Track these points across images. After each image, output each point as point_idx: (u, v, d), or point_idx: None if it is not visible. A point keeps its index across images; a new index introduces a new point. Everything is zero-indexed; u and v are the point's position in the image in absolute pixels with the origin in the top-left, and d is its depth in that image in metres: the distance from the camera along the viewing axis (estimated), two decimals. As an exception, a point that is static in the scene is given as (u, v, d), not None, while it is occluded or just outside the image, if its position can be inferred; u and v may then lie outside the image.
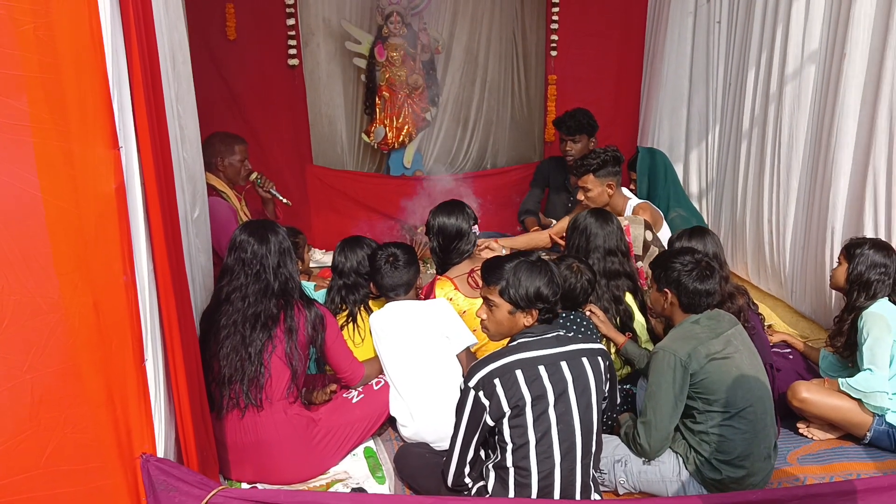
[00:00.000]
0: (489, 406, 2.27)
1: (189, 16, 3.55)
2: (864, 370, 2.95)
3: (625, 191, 3.96)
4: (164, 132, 2.23)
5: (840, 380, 3.02)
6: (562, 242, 3.94)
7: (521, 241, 4.07)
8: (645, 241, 3.49)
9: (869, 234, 3.42)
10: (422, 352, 2.98)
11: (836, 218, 3.69)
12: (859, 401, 2.96)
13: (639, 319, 3.32)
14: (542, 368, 2.29)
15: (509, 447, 2.29)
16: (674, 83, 5.13)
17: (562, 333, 2.42)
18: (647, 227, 3.55)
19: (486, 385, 2.27)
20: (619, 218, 3.54)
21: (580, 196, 3.88)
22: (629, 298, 3.33)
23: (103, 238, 1.94)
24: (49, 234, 1.89)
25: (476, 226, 3.38)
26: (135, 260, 2.03)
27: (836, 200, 3.67)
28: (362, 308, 3.29)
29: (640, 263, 3.46)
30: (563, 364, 2.31)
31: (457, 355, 3.02)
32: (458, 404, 2.35)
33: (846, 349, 3.18)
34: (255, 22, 5.05)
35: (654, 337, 3.31)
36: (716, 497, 2.33)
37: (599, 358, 2.38)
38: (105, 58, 1.90)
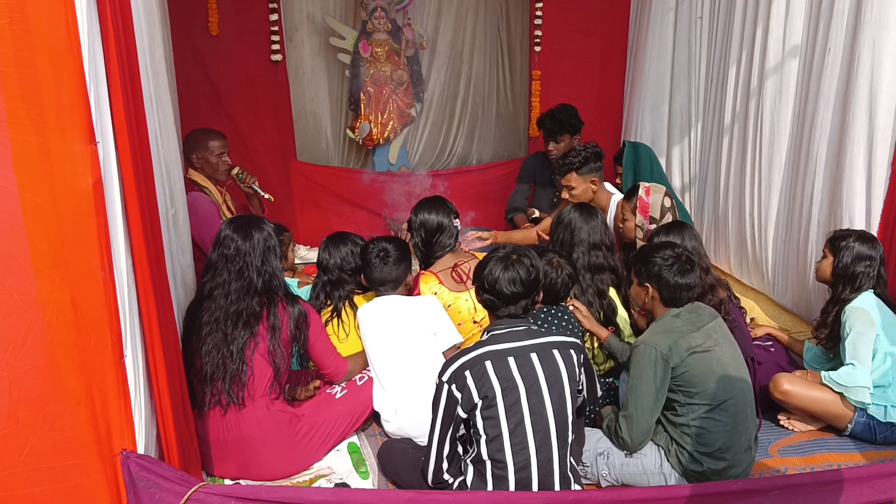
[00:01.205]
0: (461, 398, 2.30)
1: (171, 11, 3.52)
2: (847, 364, 2.97)
3: (608, 186, 3.97)
4: (142, 127, 2.21)
5: (822, 373, 3.03)
6: (548, 238, 3.96)
7: (518, 237, 4.14)
8: (662, 207, 3.51)
9: (853, 226, 3.43)
10: (408, 347, 2.99)
11: (817, 211, 3.71)
12: (841, 394, 2.98)
13: (622, 314, 3.34)
14: (511, 360, 2.32)
15: (483, 439, 2.31)
16: (656, 79, 5.16)
17: (534, 326, 2.45)
18: (667, 193, 3.57)
19: (457, 378, 2.30)
20: (641, 183, 3.56)
21: (564, 195, 3.90)
22: (612, 293, 3.35)
23: (81, 234, 1.92)
24: (26, 231, 1.86)
25: (457, 220, 3.39)
26: (113, 256, 2.02)
27: (817, 194, 3.70)
28: (347, 304, 3.29)
29: (653, 226, 3.48)
30: (534, 356, 2.34)
31: (443, 353, 3.03)
32: (433, 400, 2.37)
33: (829, 341, 3.21)
34: (238, 17, 5.02)
35: (638, 331, 3.32)
36: (697, 487, 2.34)
37: (572, 350, 2.40)
38: (81, 52, 1.88)
